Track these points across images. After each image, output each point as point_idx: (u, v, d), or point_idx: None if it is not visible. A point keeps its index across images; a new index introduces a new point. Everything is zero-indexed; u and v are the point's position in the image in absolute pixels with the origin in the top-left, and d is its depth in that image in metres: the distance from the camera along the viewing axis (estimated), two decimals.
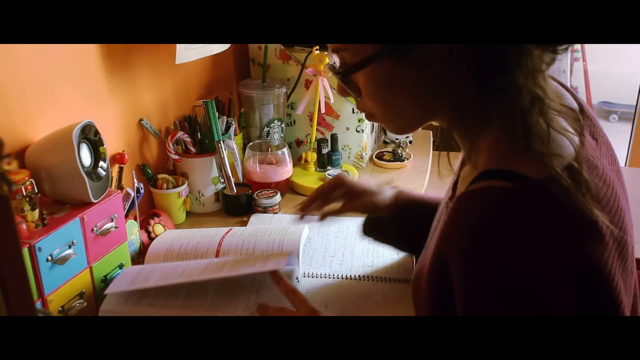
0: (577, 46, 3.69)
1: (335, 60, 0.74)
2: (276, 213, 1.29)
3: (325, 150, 1.46)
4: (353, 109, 1.47)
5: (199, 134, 1.28)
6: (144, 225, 1.17)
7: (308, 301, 0.84)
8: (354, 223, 1.20)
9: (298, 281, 1.01)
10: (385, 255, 1.09)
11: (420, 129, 0.77)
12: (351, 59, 0.71)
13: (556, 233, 0.60)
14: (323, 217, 1.00)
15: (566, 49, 0.65)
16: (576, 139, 0.66)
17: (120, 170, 1.12)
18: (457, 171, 0.82)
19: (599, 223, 0.61)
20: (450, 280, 0.64)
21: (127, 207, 1.09)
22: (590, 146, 0.69)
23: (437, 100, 0.71)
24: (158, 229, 1.18)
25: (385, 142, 1.70)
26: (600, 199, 0.64)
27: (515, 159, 0.64)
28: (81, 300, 0.92)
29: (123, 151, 1.13)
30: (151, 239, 1.14)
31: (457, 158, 0.80)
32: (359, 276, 1.03)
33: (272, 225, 1.18)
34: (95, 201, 0.93)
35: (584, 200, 0.61)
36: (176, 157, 1.26)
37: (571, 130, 0.67)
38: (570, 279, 0.59)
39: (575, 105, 0.74)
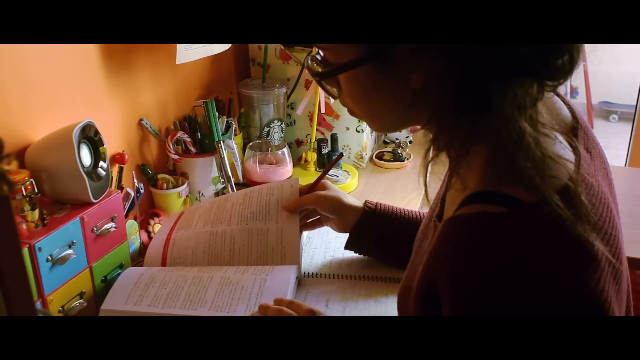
0: None
1: (317, 57, 0.73)
2: None
3: (325, 150, 1.46)
4: None
5: (199, 134, 1.28)
6: (144, 225, 1.17)
7: (304, 304, 0.84)
8: None
9: (298, 281, 1.01)
10: None
11: (420, 128, 0.76)
12: (333, 59, 0.69)
13: (553, 262, 0.57)
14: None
15: (557, 86, 0.63)
16: (571, 161, 0.64)
17: (120, 170, 1.12)
18: (447, 181, 0.78)
19: (594, 249, 0.59)
20: (438, 302, 0.62)
21: (127, 207, 1.09)
22: (585, 161, 0.67)
23: (418, 112, 0.68)
24: (158, 229, 1.18)
25: (385, 142, 1.70)
26: (596, 221, 0.62)
27: (508, 181, 0.61)
28: (81, 300, 0.92)
29: (123, 151, 1.13)
30: (151, 239, 1.14)
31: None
32: (359, 276, 1.03)
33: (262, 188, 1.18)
34: (95, 201, 0.93)
35: (580, 226, 0.58)
36: (176, 157, 1.26)
37: (566, 145, 0.65)
38: (567, 311, 0.57)
39: (570, 118, 0.72)
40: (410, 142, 1.60)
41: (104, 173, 0.96)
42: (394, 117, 0.72)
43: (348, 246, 1.07)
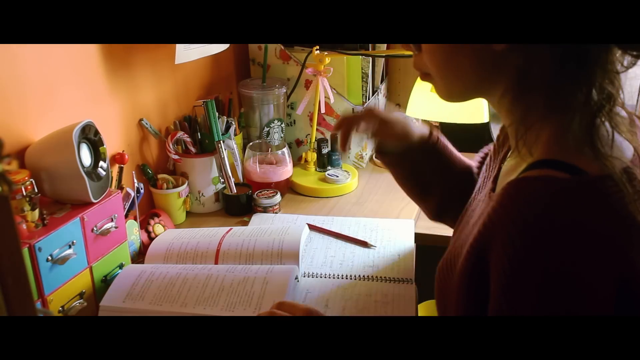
0: None
1: None
2: (276, 213, 1.29)
3: (325, 150, 1.46)
4: (353, 109, 1.47)
5: (199, 134, 1.28)
6: (144, 225, 1.17)
7: (300, 304, 0.83)
8: (354, 223, 1.21)
9: (297, 281, 1.01)
10: (385, 256, 1.09)
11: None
12: None
13: (607, 232, 0.59)
14: (344, 146, 0.95)
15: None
16: (634, 145, 0.66)
17: (120, 170, 1.12)
18: (496, 165, 0.80)
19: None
20: (486, 274, 0.63)
21: (127, 207, 1.09)
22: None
23: (501, 75, 0.68)
24: (158, 229, 1.18)
25: None
26: None
27: (575, 154, 0.63)
28: (81, 300, 0.92)
29: (123, 151, 1.13)
30: (151, 239, 1.14)
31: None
32: (359, 276, 1.03)
33: (272, 225, 1.18)
34: (95, 201, 0.93)
35: (638, 206, 0.60)
36: (176, 157, 1.26)
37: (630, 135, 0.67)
38: (612, 281, 0.58)
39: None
40: None
41: (104, 173, 0.96)
42: (470, 80, 0.71)
43: (385, 157, 1.00)
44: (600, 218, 0.59)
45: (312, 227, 1.19)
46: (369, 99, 1.49)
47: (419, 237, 1.17)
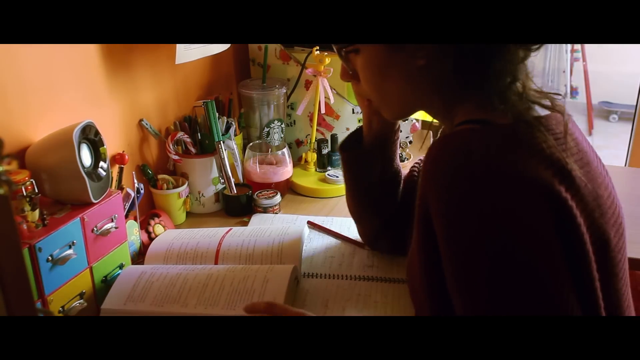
0: (577, 46, 3.69)
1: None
2: (276, 213, 1.29)
3: (325, 151, 1.46)
4: (353, 109, 1.47)
5: (199, 134, 1.28)
6: (144, 226, 1.17)
7: (291, 308, 0.83)
8: (354, 223, 1.21)
9: (298, 282, 1.01)
10: (385, 256, 1.09)
11: (420, 129, 0.80)
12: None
13: (529, 170, 0.62)
14: None
15: (538, 49, 0.71)
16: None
17: (121, 170, 1.12)
18: None
19: (572, 172, 0.64)
20: (433, 230, 0.66)
21: (127, 207, 1.09)
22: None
23: (424, 91, 0.77)
24: (158, 229, 1.18)
25: None
26: (572, 151, 0.68)
27: (488, 113, 0.70)
28: (81, 300, 0.92)
29: (123, 151, 1.14)
30: (151, 239, 1.14)
31: None
32: (359, 276, 1.03)
33: (272, 225, 1.18)
34: (95, 201, 0.93)
35: (557, 148, 0.65)
36: (176, 157, 1.26)
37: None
38: (552, 225, 0.61)
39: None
40: (410, 142, 1.60)
41: (104, 173, 0.96)
42: (405, 97, 0.79)
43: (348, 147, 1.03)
44: (521, 158, 0.63)
45: (312, 225, 1.20)
46: None
47: None
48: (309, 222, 1.20)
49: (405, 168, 1.53)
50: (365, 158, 1.01)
